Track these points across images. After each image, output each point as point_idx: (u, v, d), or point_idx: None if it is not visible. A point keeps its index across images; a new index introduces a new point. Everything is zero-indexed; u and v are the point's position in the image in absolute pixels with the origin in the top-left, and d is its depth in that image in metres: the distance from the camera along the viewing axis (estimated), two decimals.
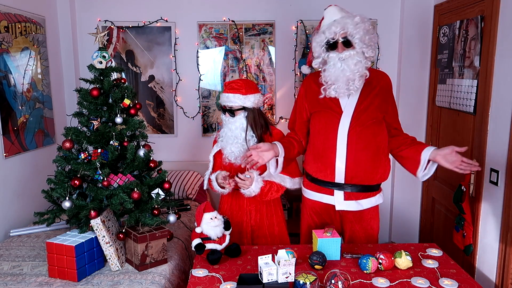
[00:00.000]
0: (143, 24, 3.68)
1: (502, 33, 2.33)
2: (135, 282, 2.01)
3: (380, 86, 2.21)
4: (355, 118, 2.15)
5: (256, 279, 1.74)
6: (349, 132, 2.14)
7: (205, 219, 2.04)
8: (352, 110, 2.16)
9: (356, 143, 2.14)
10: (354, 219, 2.27)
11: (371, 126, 2.16)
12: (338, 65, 2.07)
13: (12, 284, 2.02)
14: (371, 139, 2.16)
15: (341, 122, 2.16)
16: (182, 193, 3.53)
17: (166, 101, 3.81)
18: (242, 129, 2.29)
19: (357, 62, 2.07)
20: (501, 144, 2.32)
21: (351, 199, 2.22)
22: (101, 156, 2.22)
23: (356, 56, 2.07)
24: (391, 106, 2.26)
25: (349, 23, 2.07)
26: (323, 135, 2.21)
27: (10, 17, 2.86)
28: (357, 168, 2.16)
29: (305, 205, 2.40)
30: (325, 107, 2.22)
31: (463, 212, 2.51)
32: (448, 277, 1.85)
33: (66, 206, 2.14)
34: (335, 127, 2.17)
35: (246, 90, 2.27)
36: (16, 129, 2.89)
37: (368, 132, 2.15)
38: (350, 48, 2.08)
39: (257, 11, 3.68)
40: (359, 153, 2.14)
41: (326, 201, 2.27)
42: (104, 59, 2.31)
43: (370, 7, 3.60)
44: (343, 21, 2.09)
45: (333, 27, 2.08)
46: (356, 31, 2.06)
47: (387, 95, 2.24)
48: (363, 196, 2.23)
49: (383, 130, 2.22)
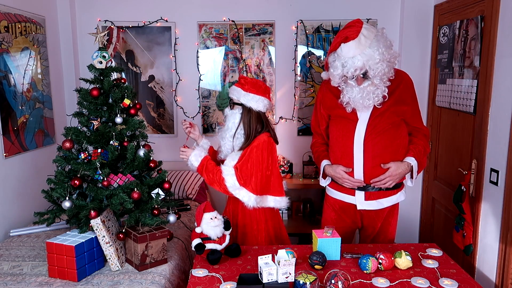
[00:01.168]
0: (143, 24, 3.68)
1: (502, 33, 2.33)
2: (135, 282, 2.01)
3: (399, 89, 2.20)
4: (371, 125, 2.17)
5: (256, 279, 1.74)
6: (365, 139, 2.17)
7: (205, 219, 2.04)
8: (367, 117, 2.17)
9: (373, 150, 2.17)
10: (376, 217, 2.33)
11: (387, 131, 2.17)
12: (357, 93, 2.09)
13: (12, 284, 2.02)
14: (388, 144, 2.18)
15: (356, 129, 2.18)
16: (182, 193, 3.53)
17: (166, 101, 3.81)
18: (234, 125, 2.30)
19: (375, 90, 2.09)
20: (501, 144, 2.32)
21: (372, 199, 2.26)
22: (101, 156, 2.22)
23: (374, 86, 2.08)
24: (410, 106, 2.23)
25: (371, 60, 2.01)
26: (340, 142, 2.25)
27: (10, 17, 2.86)
28: (375, 173, 2.19)
29: (328, 202, 2.46)
30: (340, 115, 2.24)
31: (463, 212, 2.51)
32: (448, 277, 1.85)
33: (66, 206, 2.14)
34: (351, 135, 2.19)
35: (249, 88, 2.27)
36: (16, 129, 2.89)
37: (385, 137, 2.17)
38: (369, 79, 2.08)
39: (257, 11, 3.68)
40: (376, 159, 2.17)
41: (348, 200, 2.32)
42: (104, 59, 2.31)
43: (370, 7, 3.60)
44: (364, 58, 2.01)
45: (353, 65, 2.02)
46: (377, 71, 2.03)
47: (405, 96, 2.22)
48: (384, 195, 2.27)
49: (402, 131, 2.23)
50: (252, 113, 2.28)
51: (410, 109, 2.24)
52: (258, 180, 2.21)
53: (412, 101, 2.27)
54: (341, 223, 2.39)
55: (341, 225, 2.38)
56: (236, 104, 2.31)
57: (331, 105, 2.29)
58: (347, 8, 3.64)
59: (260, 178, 2.22)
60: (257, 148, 2.21)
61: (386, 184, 2.20)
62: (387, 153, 2.18)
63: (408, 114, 2.23)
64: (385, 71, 2.07)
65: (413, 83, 2.29)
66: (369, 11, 3.59)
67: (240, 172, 2.19)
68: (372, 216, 2.33)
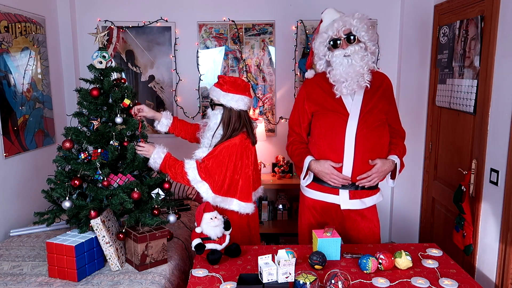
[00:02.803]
0: (143, 24, 3.68)
1: (502, 33, 2.33)
2: (135, 282, 2.01)
3: (383, 87, 2.24)
4: (362, 120, 2.16)
5: (256, 279, 1.74)
6: (357, 134, 2.16)
7: (205, 219, 2.04)
8: (358, 112, 2.17)
9: (364, 145, 2.16)
10: (359, 218, 2.29)
11: (376, 128, 2.18)
12: (345, 61, 2.09)
13: (12, 284, 2.01)
14: (377, 140, 2.19)
15: (348, 124, 2.17)
16: (182, 193, 3.53)
17: (166, 101, 3.81)
18: (215, 125, 2.30)
19: (363, 57, 2.09)
20: (501, 144, 2.32)
21: (356, 198, 2.24)
22: (101, 156, 2.22)
23: (360, 51, 2.09)
24: (392, 107, 2.29)
25: (351, 19, 2.11)
26: (329, 137, 2.21)
27: (10, 17, 2.86)
28: (364, 169, 2.18)
29: (305, 204, 2.40)
30: (330, 109, 2.22)
31: (463, 212, 2.51)
32: (448, 277, 1.85)
33: (66, 206, 2.14)
34: (342, 129, 2.17)
35: (228, 88, 2.25)
36: (16, 129, 2.89)
37: (374, 134, 2.17)
38: (354, 43, 2.10)
39: (257, 11, 3.68)
40: (366, 154, 2.16)
41: (330, 200, 2.28)
42: (104, 59, 2.31)
43: (370, 7, 3.60)
44: (344, 18, 2.12)
45: (335, 25, 2.10)
46: (360, 25, 2.10)
47: (389, 96, 2.27)
48: (367, 195, 2.26)
49: (386, 131, 2.24)
50: (233, 113, 2.26)
51: (392, 110, 2.28)
52: (221, 180, 2.21)
53: (393, 101, 2.31)
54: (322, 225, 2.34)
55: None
56: (216, 105, 2.30)
57: (319, 100, 2.25)
58: (347, 8, 3.61)
59: (223, 179, 2.21)
60: (226, 149, 2.20)
61: (371, 182, 2.17)
62: (376, 149, 2.18)
63: (390, 114, 2.27)
64: (368, 33, 2.11)
65: (392, 86, 2.33)
66: (369, 11, 3.59)
67: (204, 166, 2.19)
68: (353, 217, 2.29)
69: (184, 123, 2.62)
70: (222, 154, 2.19)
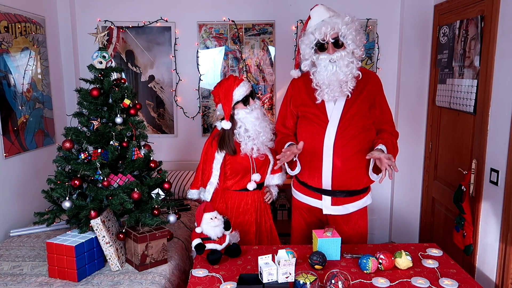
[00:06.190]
0: (143, 24, 3.68)
1: (502, 33, 2.33)
2: (135, 282, 2.01)
3: (367, 89, 2.14)
4: (341, 128, 2.10)
5: (256, 279, 1.74)
6: (335, 143, 2.10)
7: (205, 219, 2.04)
8: (338, 119, 2.11)
9: (342, 153, 2.10)
10: (342, 221, 2.27)
11: (357, 137, 2.11)
12: (329, 67, 2.02)
13: (12, 284, 2.02)
14: (358, 147, 2.12)
15: (327, 132, 2.12)
16: (182, 193, 3.53)
17: (166, 101, 3.81)
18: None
19: (349, 63, 2.02)
20: (501, 144, 2.32)
21: (338, 204, 2.21)
22: (101, 156, 2.22)
23: (347, 57, 2.02)
24: (380, 109, 2.18)
25: (340, 23, 2.01)
26: (309, 144, 2.15)
27: (10, 17, 2.86)
28: (343, 176, 2.13)
29: (295, 205, 2.41)
30: (311, 113, 2.16)
31: (463, 212, 2.51)
32: (448, 277, 1.85)
33: (66, 206, 2.14)
34: (321, 138, 2.12)
35: (216, 101, 2.35)
36: (16, 129, 2.89)
37: (355, 141, 2.11)
38: (341, 49, 2.03)
39: (257, 11, 3.68)
40: (345, 162, 2.11)
41: (314, 204, 2.27)
42: (104, 59, 2.31)
43: (370, 7, 3.60)
44: (333, 21, 2.02)
45: (323, 28, 2.01)
46: (348, 31, 2.01)
47: (375, 97, 2.16)
48: (350, 201, 2.23)
49: (371, 135, 2.17)
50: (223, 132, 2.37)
51: (380, 111, 2.18)
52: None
53: (382, 101, 2.20)
54: (313, 226, 2.32)
55: (312, 228, 2.30)
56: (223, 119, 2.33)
57: (302, 104, 2.19)
58: (347, 8, 3.60)
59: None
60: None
61: (393, 165, 1.91)
62: (356, 155, 2.11)
63: (378, 116, 2.18)
64: (356, 40, 2.01)
65: (381, 83, 2.22)
66: (369, 11, 3.59)
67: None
68: (337, 220, 2.26)
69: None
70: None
